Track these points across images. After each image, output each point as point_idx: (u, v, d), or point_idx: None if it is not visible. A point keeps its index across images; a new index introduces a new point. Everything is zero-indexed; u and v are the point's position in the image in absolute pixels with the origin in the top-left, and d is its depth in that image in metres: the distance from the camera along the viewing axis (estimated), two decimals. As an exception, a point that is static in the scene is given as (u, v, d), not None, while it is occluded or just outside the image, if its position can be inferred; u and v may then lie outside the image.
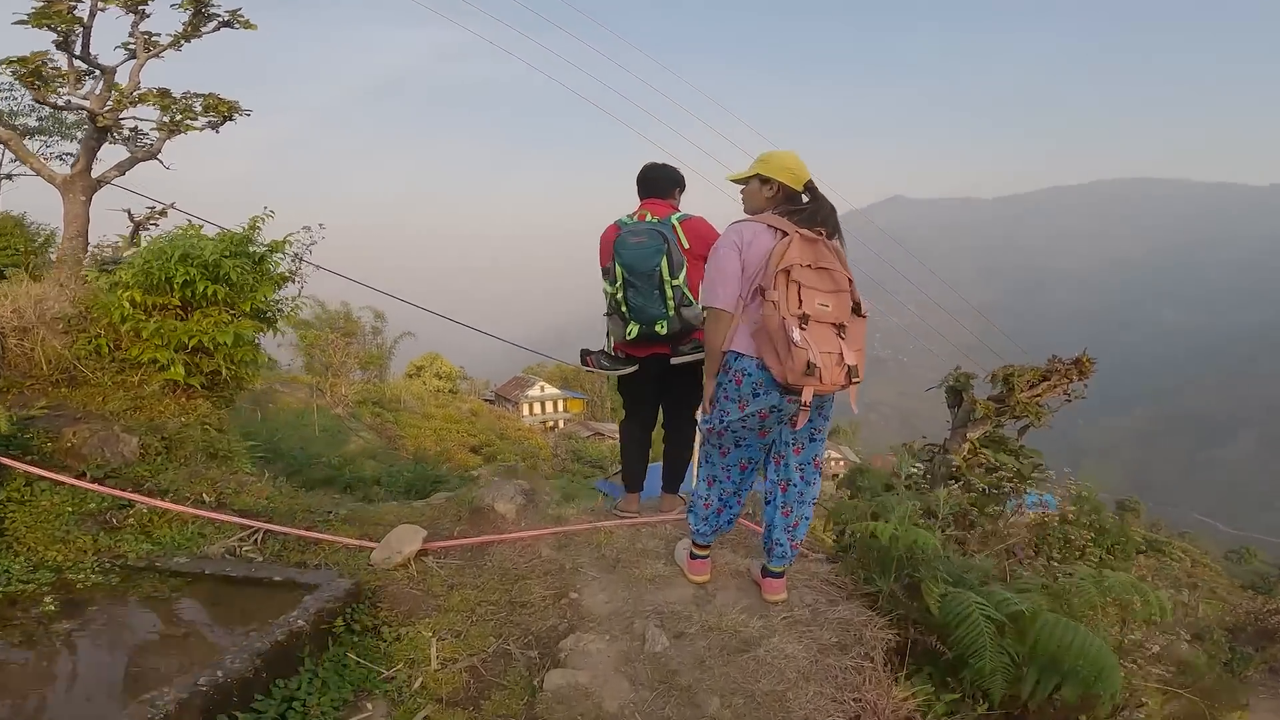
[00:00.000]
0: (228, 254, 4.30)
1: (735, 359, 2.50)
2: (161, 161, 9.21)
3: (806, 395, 2.34)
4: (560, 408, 47.68)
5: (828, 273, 2.41)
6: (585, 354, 3.48)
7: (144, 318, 4.14)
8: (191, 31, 9.34)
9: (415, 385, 34.51)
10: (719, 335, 2.53)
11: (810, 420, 2.53)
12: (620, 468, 3.65)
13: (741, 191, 2.71)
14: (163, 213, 8.33)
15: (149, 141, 9.27)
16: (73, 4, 6.53)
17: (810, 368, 2.25)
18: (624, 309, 3.20)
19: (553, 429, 40.31)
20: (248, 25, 9.52)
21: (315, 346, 26.22)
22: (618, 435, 3.63)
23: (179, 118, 9.00)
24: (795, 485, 2.64)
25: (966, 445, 5.04)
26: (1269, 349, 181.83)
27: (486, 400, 41.71)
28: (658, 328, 3.16)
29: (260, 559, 3.14)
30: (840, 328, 2.39)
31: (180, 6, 9.13)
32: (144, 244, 4.78)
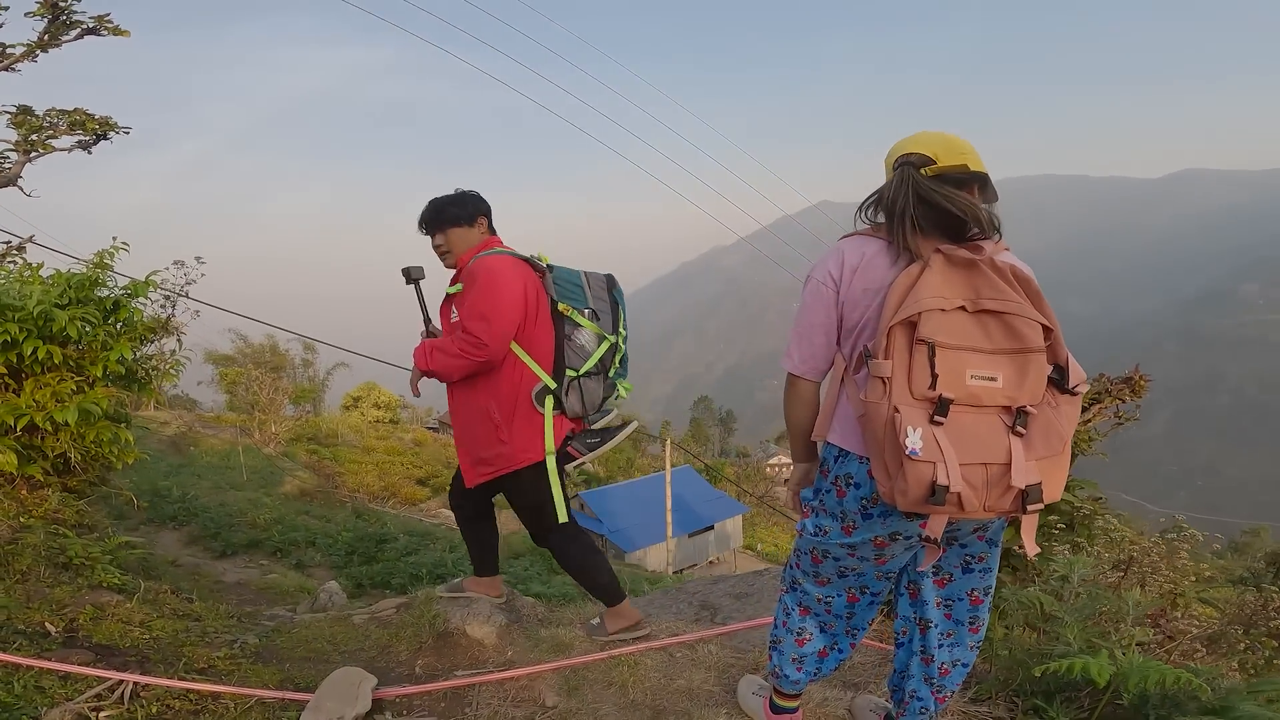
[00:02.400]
0: (65, 302, 3.21)
1: (836, 459, 1.61)
2: (22, 188, 7.82)
3: (934, 527, 1.43)
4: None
5: (998, 319, 1.41)
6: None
7: (-53, 392, 3.00)
8: (50, 40, 8.02)
9: (353, 418, 32.71)
10: (798, 413, 1.70)
11: (964, 546, 1.65)
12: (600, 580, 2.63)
13: None
14: (20, 247, 6.95)
15: (7, 165, 7.86)
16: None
17: (936, 492, 1.33)
18: (617, 365, 2.52)
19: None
20: (118, 32, 8.25)
21: (238, 383, 24.40)
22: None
23: (37, 137, 7.65)
24: (938, 626, 1.75)
25: (1013, 482, 4.30)
26: (1169, 334, 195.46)
27: (430, 429, 39.89)
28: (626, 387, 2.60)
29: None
30: (1019, 415, 1.41)
31: (36, 14, 7.82)
32: None
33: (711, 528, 27.66)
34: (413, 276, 2.57)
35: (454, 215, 2.46)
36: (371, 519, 10.66)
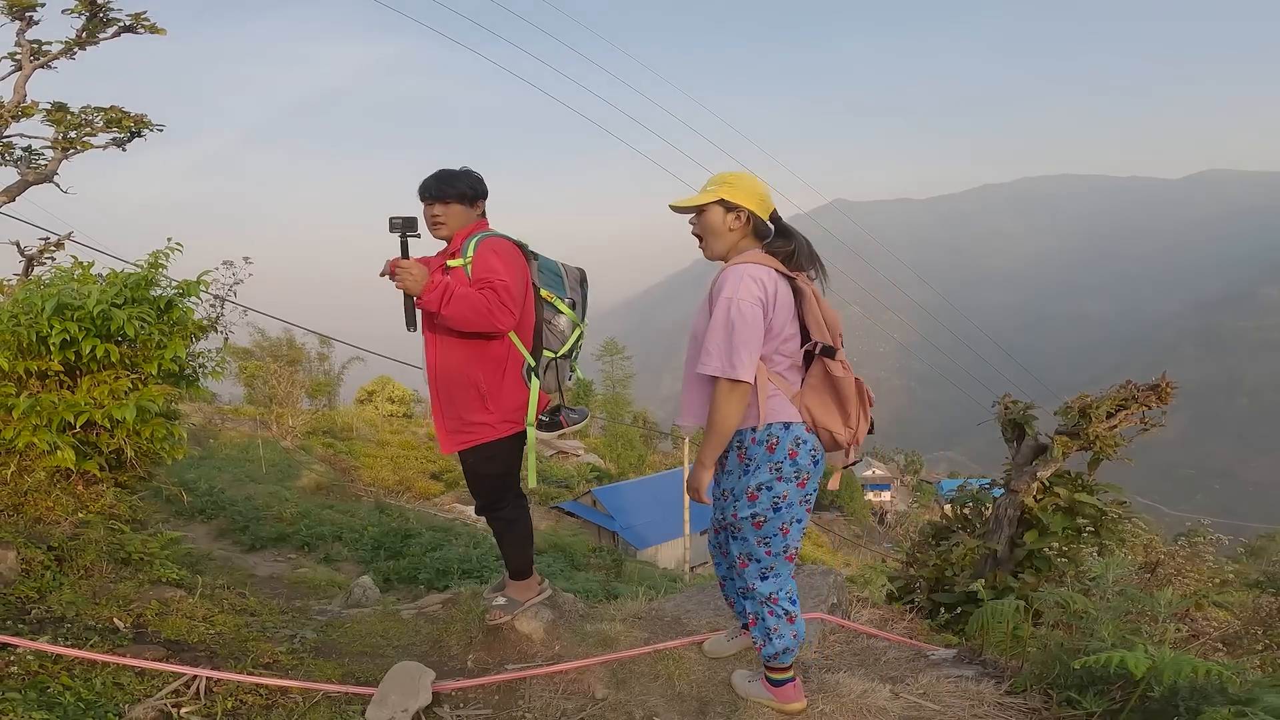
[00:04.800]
0: (121, 302, 3.33)
1: (785, 429, 2.05)
2: (58, 184, 8.00)
3: (855, 454, 2.14)
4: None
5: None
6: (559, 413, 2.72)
7: (13, 390, 3.12)
8: (88, 38, 8.18)
9: (367, 412, 32.92)
10: (737, 414, 2.03)
11: None
12: (523, 557, 2.79)
13: (697, 223, 2.19)
14: (59, 244, 7.13)
15: (43, 162, 8.03)
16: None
17: (872, 425, 2.14)
18: (579, 350, 2.71)
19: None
20: (154, 29, 8.41)
21: (256, 377, 24.68)
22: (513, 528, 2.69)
23: (75, 134, 7.82)
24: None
25: (1035, 484, 4.36)
26: (1188, 336, 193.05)
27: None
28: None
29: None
30: None
31: (73, 11, 7.99)
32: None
33: (724, 526, 27.68)
34: (402, 228, 2.37)
35: (461, 191, 2.47)
36: (394, 514, 10.82)
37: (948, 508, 4.86)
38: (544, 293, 2.55)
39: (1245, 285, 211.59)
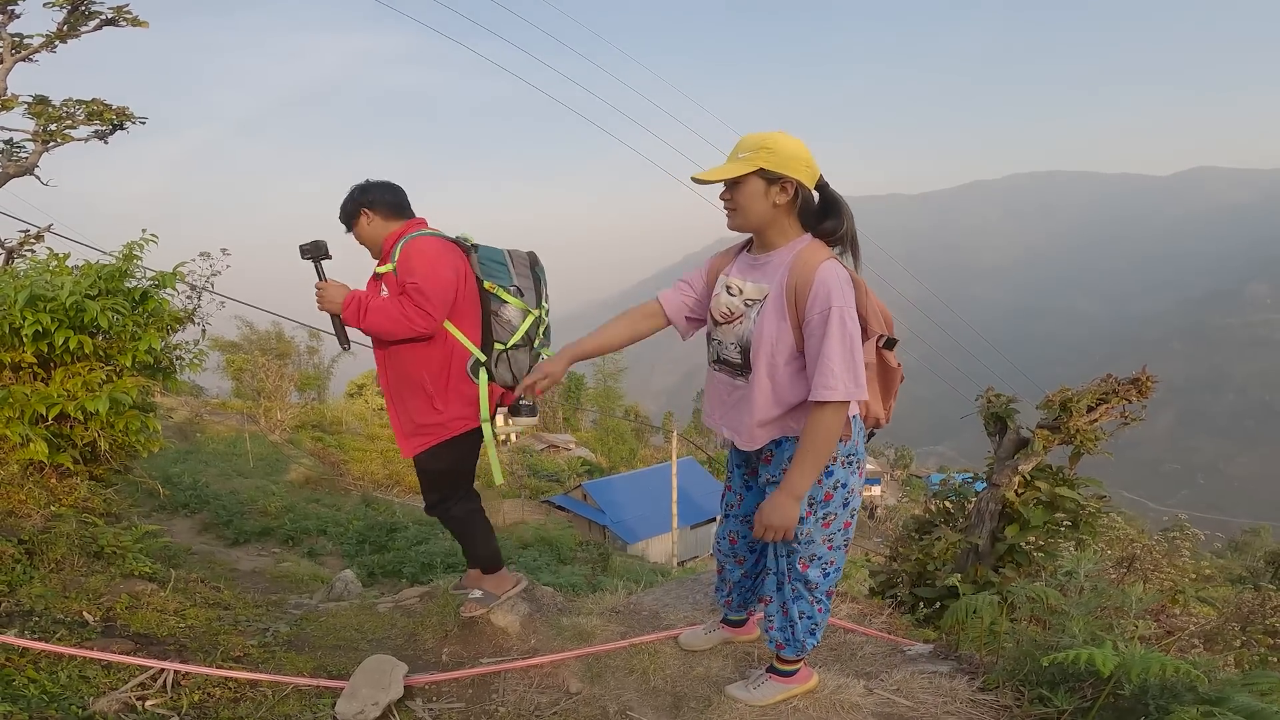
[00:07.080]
0: (94, 293, 3.29)
1: (852, 419, 1.96)
2: (39, 177, 7.91)
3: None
4: (512, 421, 46.01)
5: None
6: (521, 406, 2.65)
7: (-16, 382, 3.08)
8: (69, 31, 8.08)
9: (357, 405, 32.78)
10: (838, 434, 1.84)
11: None
12: (488, 549, 2.75)
13: (731, 199, 1.85)
14: (38, 237, 7.06)
15: (24, 154, 7.94)
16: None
17: None
18: (541, 337, 2.63)
19: (504, 444, 38.94)
20: (136, 23, 8.31)
21: (245, 370, 24.53)
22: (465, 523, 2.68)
23: (56, 127, 7.73)
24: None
25: (1017, 478, 4.37)
26: (1177, 332, 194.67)
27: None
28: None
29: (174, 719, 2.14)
30: None
31: (55, 4, 7.88)
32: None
33: (714, 520, 27.77)
34: (313, 253, 2.44)
35: (348, 211, 2.51)
36: (380, 508, 10.78)
37: (931, 501, 4.87)
38: (487, 284, 2.51)
39: (1233, 282, 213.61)
